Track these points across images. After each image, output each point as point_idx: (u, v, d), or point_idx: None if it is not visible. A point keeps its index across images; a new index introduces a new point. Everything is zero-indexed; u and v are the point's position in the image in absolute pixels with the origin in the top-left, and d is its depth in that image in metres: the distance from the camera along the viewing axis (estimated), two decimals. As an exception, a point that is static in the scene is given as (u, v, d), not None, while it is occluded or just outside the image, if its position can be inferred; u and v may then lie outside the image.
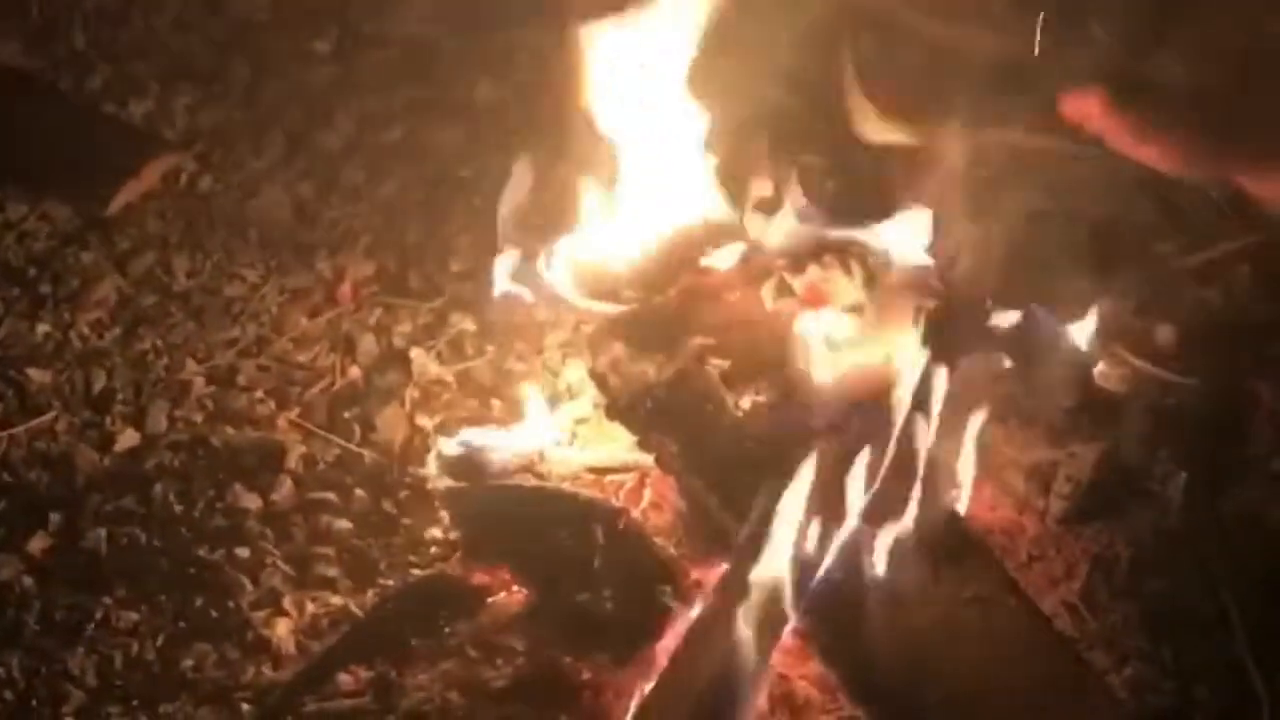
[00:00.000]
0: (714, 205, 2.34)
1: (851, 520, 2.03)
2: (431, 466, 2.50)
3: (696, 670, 1.95)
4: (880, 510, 2.03)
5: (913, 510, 2.05)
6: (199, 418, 2.66)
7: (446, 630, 2.24)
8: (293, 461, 2.56)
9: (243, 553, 2.41)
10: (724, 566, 2.07)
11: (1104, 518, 2.33)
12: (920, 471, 2.05)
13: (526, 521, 2.30)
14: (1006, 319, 2.25)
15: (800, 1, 2.69)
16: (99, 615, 2.33)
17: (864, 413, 2.05)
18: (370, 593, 2.34)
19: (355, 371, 2.74)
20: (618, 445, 2.40)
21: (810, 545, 2.01)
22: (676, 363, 2.19)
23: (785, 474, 2.01)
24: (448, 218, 3.06)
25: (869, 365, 2.12)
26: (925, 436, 2.07)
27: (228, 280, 2.96)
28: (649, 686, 2.02)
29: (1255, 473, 2.38)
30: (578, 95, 2.35)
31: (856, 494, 2.02)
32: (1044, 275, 2.60)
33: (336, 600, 2.34)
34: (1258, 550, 2.28)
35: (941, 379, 2.10)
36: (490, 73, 3.38)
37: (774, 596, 1.97)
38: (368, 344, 2.78)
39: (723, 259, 2.28)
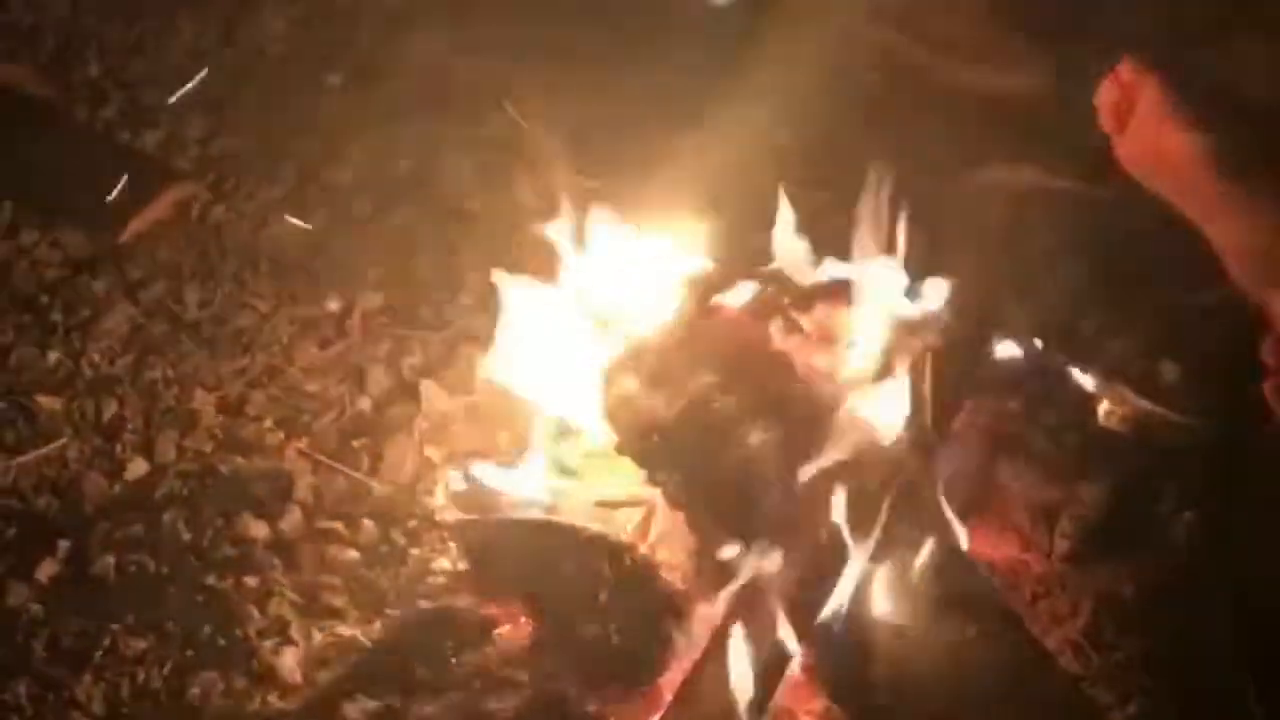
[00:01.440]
0: (722, 242, 2.36)
1: (857, 557, 2.04)
2: (440, 498, 2.51)
3: (703, 704, 1.96)
4: (886, 548, 2.04)
5: (919, 548, 2.06)
6: (208, 446, 2.68)
7: (453, 662, 2.24)
8: (302, 491, 2.57)
9: (251, 581, 2.42)
10: (731, 601, 2.08)
11: (1109, 556, 2.34)
12: (925, 509, 2.06)
13: (535, 554, 2.30)
14: (1013, 358, 2.26)
15: (812, 40, 2.72)
16: (107, 643, 2.34)
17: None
18: (378, 623, 2.35)
19: (365, 402, 2.75)
20: (626, 480, 2.40)
21: (813, 582, 2.02)
22: (685, 398, 2.20)
23: (788, 507, 2.02)
24: (458, 249, 3.07)
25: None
26: (931, 474, 2.09)
27: (238, 310, 2.98)
28: (655, 720, 2.03)
29: (1261, 511, 2.38)
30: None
31: (861, 531, 2.04)
32: (1050, 314, 2.62)
33: (344, 630, 2.34)
34: (1263, 588, 2.29)
35: (947, 418, 2.11)
36: (501, 105, 3.40)
37: (778, 633, 1.98)
38: (377, 375, 2.80)
39: (731, 296, 2.29)
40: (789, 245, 2.33)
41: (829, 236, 2.36)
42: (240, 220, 3.20)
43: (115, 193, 3.16)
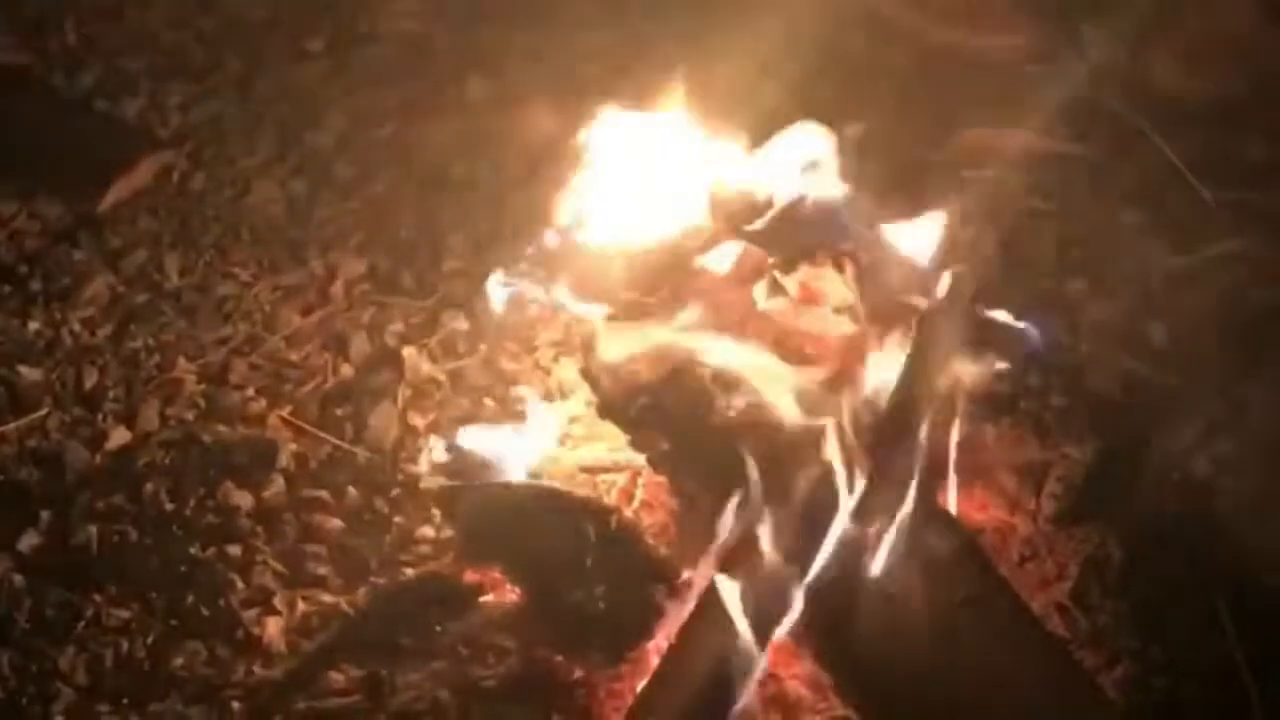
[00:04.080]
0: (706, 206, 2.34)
1: (843, 521, 2.03)
2: (424, 465, 2.50)
3: (689, 669, 1.95)
4: (872, 511, 2.03)
5: (905, 511, 2.05)
6: (190, 415, 2.66)
7: (438, 629, 2.24)
8: (284, 459, 2.56)
9: (234, 550, 2.41)
10: (715, 566, 2.07)
11: (1096, 518, 2.33)
12: (912, 472, 2.05)
13: (519, 520, 2.30)
14: (999, 319, 2.25)
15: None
16: (89, 613, 2.33)
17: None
18: (362, 591, 2.34)
19: (347, 370, 2.74)
20: (610, 444, 2.40)
21: (798, 547, 2.01)
22: (668, 362, 2.18)
23: (768, 473, 2.02)
24: (440, 216, 3.06)
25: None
26: (917, 437, 2.07)
27: (220, 278, 2.96)
28: (642, 685, 2.02)
29: (1247, 473, 2.38)
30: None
31: (847, 494, 2.03)
32: (1037, 275, 2.61)
33: (328, 598, 2.33)
34: (1248, 550, 2.29)
35: (933, 380, 2.10)
36: (482, 71, 3.38)
37: (765, 596, 1.98)
38: (360, 342, 2.78)
39: (716, 259, 2.27)
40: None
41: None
42: (221, 188, 3.18)
43: (94, 161, 3.14)
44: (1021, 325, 2.27)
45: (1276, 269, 2.68)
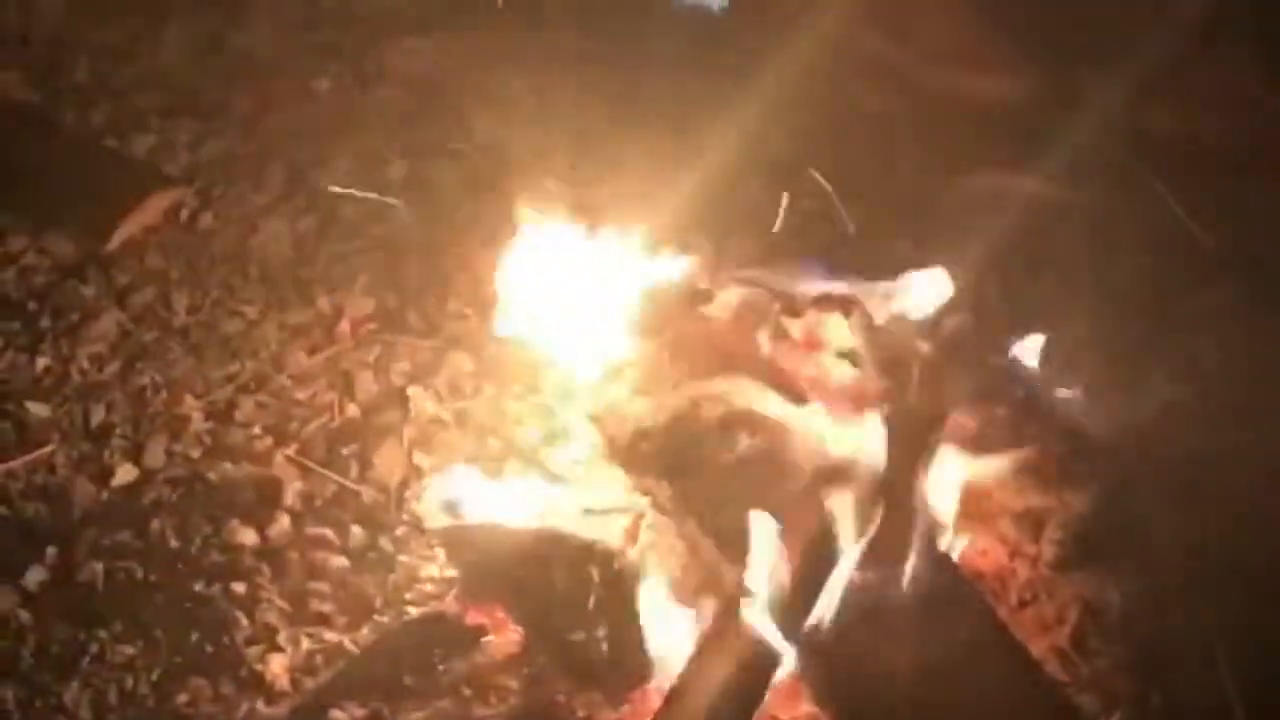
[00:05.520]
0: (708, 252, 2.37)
1: (845, 564, 2.04)
2: (429, 504, 2.51)
3: (691, 711, 1.96)
4: (874, 554, 2.04)
5: (906, 554, 2.07)
6: (197, 453, 2.67)
7: (441, 668, 2.25)
8: (290, 498, 2.57)
9: (239, 588, 2.42)
10: (718, 606, 2.08)
11: (1095, 564, 2.34)
12: (915, 516, 2.07)
13: (523, 561, 2.30)
14: (1001, 367, 2.27)
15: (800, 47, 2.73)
16: (94, 649, 2.34)
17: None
18: (366, 629, 2.35)
19: (353, 409, 2.75)
20: (614, 486, 2.41)
21: (802, 589, 2.02)
22: (673, 406, 2.20)
23: (775, 516, 2.03)
24: (446, 256, 3.07)
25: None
26: (920, 482, 2.09)
27: (227, 316, 2.97)
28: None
29: (1245, 519, 2.39)
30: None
31: (850, 538, 2.04)
32: (1039, 322, 2.62)
33: (332, 637, 2.34)
34: (1246, 597, 2.30)
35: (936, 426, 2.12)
36: (489, 113, 3.40)
37: (766, 638, 1.99)
38: (366, 381, 2.79)
39: (720, 304, 2.29)
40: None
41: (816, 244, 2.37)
42: (229, 226, 3.19)
43: (103, 198, 3.16)
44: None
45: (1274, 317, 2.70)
